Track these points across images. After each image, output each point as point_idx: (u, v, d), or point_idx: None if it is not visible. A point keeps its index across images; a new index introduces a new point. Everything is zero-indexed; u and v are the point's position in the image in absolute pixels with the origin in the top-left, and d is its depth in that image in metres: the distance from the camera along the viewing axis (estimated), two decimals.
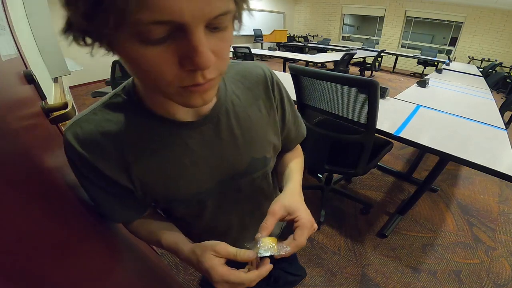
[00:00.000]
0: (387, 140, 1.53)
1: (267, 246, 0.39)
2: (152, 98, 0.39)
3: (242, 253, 0.39)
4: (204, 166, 0.45)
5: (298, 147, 0.66)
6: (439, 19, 7.16)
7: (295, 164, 0.59)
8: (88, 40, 0.27)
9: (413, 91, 2.34)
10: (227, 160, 0.46)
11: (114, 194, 0.44)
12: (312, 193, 1.99)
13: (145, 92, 0.39)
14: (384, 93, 1.93)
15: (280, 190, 0.54)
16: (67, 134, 0.38)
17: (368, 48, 7.05)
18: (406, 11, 7.41)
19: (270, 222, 0.42)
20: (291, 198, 0.46)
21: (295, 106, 0.58)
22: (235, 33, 0.33)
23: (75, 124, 0.38)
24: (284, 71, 5.01)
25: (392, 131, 1.39)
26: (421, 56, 6.38)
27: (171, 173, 0.43)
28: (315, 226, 0.45)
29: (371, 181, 2.22)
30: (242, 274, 0.39)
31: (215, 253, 0.39)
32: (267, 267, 0.40)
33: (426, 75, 3.26)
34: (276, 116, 0.52)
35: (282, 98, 0.53)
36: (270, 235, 0.41)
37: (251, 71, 0.49)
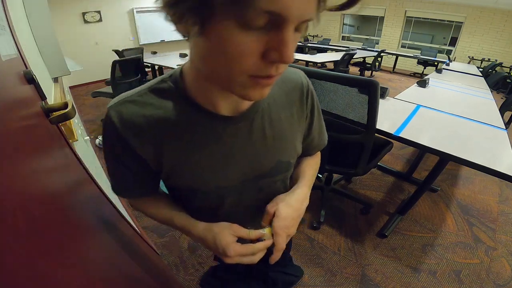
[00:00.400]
0: (387, 140, 1.53)
1: (268, 234, 0.47)
2: (198, 89, 0.40)
3: (253, 233, 0.46)
4: (233, 161, 0.46)
5: (318, 153, 0.67)
6: (439, 19, 7.15)
7: (310, 169, 0.61)
8: (187, 18, 0.28)
9: (413, 91, 2.34)
10: (254, 159, 0.48)
11: (136, 173, 0.46)
12: (312, 193, 1.95)
13: (194, 82, 0.40)
14: (384, 93, 1.93)
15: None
16: (111, 111, 0.40)
17: (368, 48, 7.04)
18: (406, 11, 7.41)
19: (265, 220, 0.48)
20: (282, 203, 0.49)
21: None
22: None
23: (120, 103, 0.40)
24: None
25: (392, 131, 1.39)
26: (421, 56, 6.37)
27: (201, 162, 0.44)
28: (291, 231, 0.48)
29: (371, 181, 2.22)
30: (250, 245, 0.45)
31: (233, 232, 0.45)
32: (269, 242, 0.46)
33: (426, 75, 3.26)
34: (304, 123, 0.54)
35: (313, 106, 0.55)
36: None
37: (290, 77, 0.50)
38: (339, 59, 4.61)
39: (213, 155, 0.45)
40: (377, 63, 6.08)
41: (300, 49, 6.56)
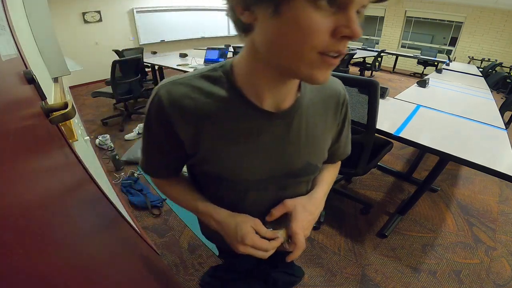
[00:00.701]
0: (387, 140, 1.53)
1: (283, 236, 0.50)
2: (247, 81, 0.43)
3: (270, 232, 0.50)
4: (266, 156, 0.48)
5: (339, 162, 0.70)
6: (439, 19, 7.15)
7: (327, 174, 0.64)
8: (261, 2, 0.31)
9: (413, 91, 2.34)
10: (286, 157, 0.49)
11: (168, 153, 0.49)
12: None
13: (245, 74, 0.42)
14: (384, 93, 1.94)
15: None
16: (161, 89, 0.42)
17: (368, 48, 7.03)
18: (406, 11, 7.40)
19: (278, 212, 0.52)
20: (300, 206, 0.53)
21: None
22: (234, 33, 0.37)
23: (171, 83, 0.43)
24: None
25: (392, 131, 1.39)
26: (421, 56, 6.37)
27: (236, 152, 0.46)
28: (306, 233, 0.52)
29: (371, 181, 2.22)
30: (266, 241, 0.48)
31: (254, 224, 0.49)
32: (279, 241, 0.50)
33: (426, 75, 3.26)
34: (335, 131, 0.57)
35: (345, 116, 0.57)
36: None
37: (329, 85, 0.52)
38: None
39: (249, 147, 0.46)
40: (377, 63, 6.08)
41: None
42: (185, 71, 3.44)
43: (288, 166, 0.50)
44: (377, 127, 1.28)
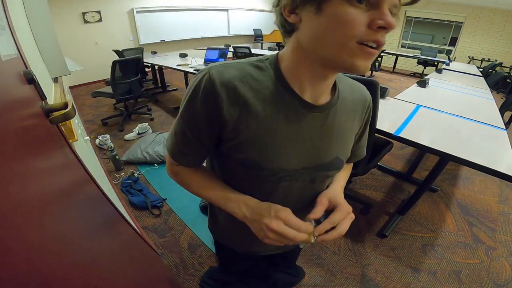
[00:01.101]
0: (387, 140, 1.53)
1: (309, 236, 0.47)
2: (292, 72, 0.46)
3: (303, 225, 0.47)
4: (302, 146, 0.50)
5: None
6: (439, 19, 7.15)
7: (344, 172, 0.68)
8: (306, 3, 0.37)
9: (413, 91, 2.34)
10: (320, 149, 0.52)
11: (203, 137, 0.49)
12: None
13: (290, 65, 0.46)
14: (384, 93, 1.94)
15: None
16: (212, 69, 0.44)
17: None
18: (406, 11, 7.41)
19: (319, 210, 0.51)
20: (336, 193, 0.56)
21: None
22: (234, 33, 0.40)
23: (222, 66, 0.45)
24: None
25: (392, 131, 1.39)
26: (421, 56, 6.37)
27: (276, 138, 0.47)
28: (353, 215, 0.52)
29: (371, 181, 2.22)
30: (299, 222, 0.46)
31: (287, 214, 0.46)
32: (310, 229, 0.48)
33: (426, 75, 3.26)
34: (357, 133, 0.61)
35: (368, 121, 0.62)
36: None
37: (358, 88, 0.58)
38: None
39: (289, 135, 0.48)
40: (377, 63, 6.09)
41: None
42: (185, 71, 3.46)
43: (320, 158, 0.53)
44: (377, 127, 1.28)
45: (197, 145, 0.51)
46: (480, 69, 4.71)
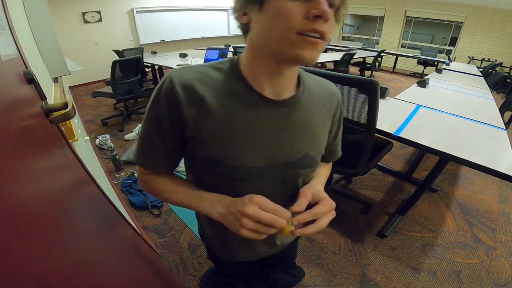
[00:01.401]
0: (387, 140, 1.53)
1: (287, 228, 0.44)
2: (250, 71, 0.48)
3: (280, 209, 0.45)
4: (265, 142, 0.50)
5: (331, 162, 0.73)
6: (439, 19, 7.15)
7: (323, 170, 0.67)
8: (250, 4, 0.41)
9: (413, 91, 2.34)
10: (285, 146, 0.51)
11: (168, 138, 0.49)
12: None
13: (248, 65, 0.48)
14: (384, 93, 1.94)
15: None
16: (173, 72, 0.47)
17: (368, 48, 7.03)
18: (406, 11, 7.41)
19: (303, 203, 0.47)
20: (318, 188, 0.53)
21: None
22: (234, 33, 0.43)
23: (183, 69, 0.48)
24: None
25: (392, 131, 1.39)
26: (421, 56, 6.37)
27: (236, 134, 0.48)
28: (334, 212, 0.49)
29: (371, 181, 2.22)
30: (276, 207, 0.44)
31: (262, 198, 0.45)
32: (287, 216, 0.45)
33: (426, 75, 3.26)
34: (330, 129, 0.60)
35: (340, 118, 0.62)
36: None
37: (325, 84, 0.58)
38: (339, 59, 4.61)
39: (250, 132, 0.48)
40: (377, 63, 6.08)
41: None
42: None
43: (287, 155, 0.52)
44: (377, 127, 1.28)
45: (162, 148, 0.51)
46: (480, 69, 4.71)
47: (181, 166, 0.59)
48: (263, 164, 0.51)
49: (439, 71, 3.48)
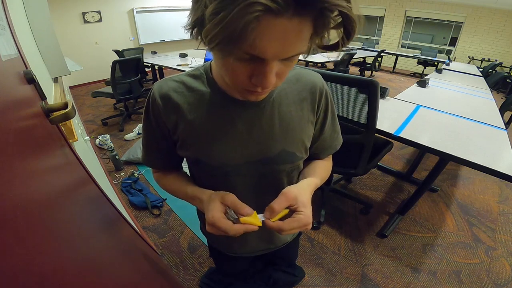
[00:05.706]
0: (387, 140, 1.53)
1: (256, 221, 0.45)
2: (219, 76, 0.51)
3: (242, 207, 0.45)
4: (240, 141, 0.52)
5: (330, 158, 0.69)
6: (439, 19, 7.14)
7: (320, 170, 0.63)
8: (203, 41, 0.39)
9: (413, 91, 2.34)
10: (260, 143, 0.53)
11: (161, 142, 0.57)
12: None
13: (217, 72, 0.51)
14: (384, 93, 1.93)
15: None
16: (156, 86, 0.53)
17: (368, 48, 7.03)
18: (406, 11, 7.41)
19: (280, 205, 0.45)
20: (304, 192, 0.49)
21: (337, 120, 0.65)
22: None
23: (163, 80, 0.53)
24: None
25: (392, 131, 1.39)
26: (421, 56, 6.36)
27: (213, 136, 0.52)
28: (309, 227, 0.47)
29: (371, 181, 2.22)
30: (229, 224, 0.44)
31: (222, 200, 0.46)
32: (252, 227, 0.44)
33: (426, 75, 3.26)
34: (314, 121, 0.58)
35: (327, 108, 0.59)
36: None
37: (305, 76, 0.57)
38: (339, 59, 4.61)
39: (224, 132, 0.52)
40: (377, 63, 6.08)
41: None
42: (184, 71, 3.45)
43: (263, 152, 0.54)
44: (377, 127, 1.28)
45: (160, 150, 0.59)
46: (480, 69, 4.71)
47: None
48: (241, 161, 0.54)
49: (439, 71, 3.48)
